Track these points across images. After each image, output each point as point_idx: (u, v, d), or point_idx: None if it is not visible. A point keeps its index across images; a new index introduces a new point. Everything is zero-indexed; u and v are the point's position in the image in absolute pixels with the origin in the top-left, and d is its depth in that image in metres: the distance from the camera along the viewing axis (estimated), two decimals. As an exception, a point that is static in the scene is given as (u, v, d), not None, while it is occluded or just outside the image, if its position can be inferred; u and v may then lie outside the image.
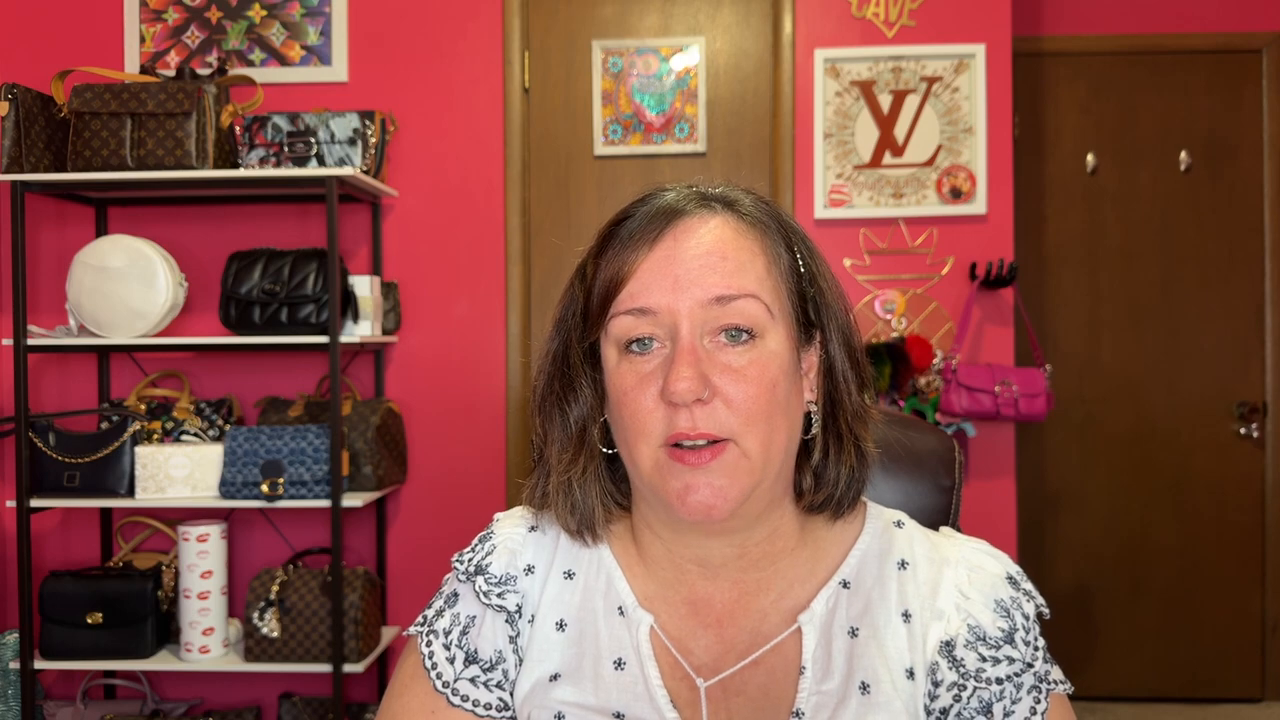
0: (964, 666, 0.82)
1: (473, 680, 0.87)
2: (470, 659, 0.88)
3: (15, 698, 2.84)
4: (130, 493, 2.75)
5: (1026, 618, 0.84)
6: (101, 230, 3.06)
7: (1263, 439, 3.63)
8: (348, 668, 2.66)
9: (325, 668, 2.67)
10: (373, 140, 2.81)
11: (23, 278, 2.69)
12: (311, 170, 2.69)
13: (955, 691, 0.81)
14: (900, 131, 3.04)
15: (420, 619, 0.92)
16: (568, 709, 0.84)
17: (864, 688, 0.81)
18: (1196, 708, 3.62)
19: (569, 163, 3.14)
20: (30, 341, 2.71)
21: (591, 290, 0.86)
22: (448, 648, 0.89)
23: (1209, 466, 3.64)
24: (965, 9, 3.03)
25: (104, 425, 2.84)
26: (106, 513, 3.07)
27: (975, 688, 0.81)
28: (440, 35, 3.09)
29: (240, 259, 2.79)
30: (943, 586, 0.85)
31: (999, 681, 0.81)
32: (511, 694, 0.88)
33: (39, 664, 2.73)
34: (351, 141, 2.78)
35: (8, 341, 2.73)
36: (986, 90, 3.02)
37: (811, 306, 0.85)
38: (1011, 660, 0.82)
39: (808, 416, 0.86)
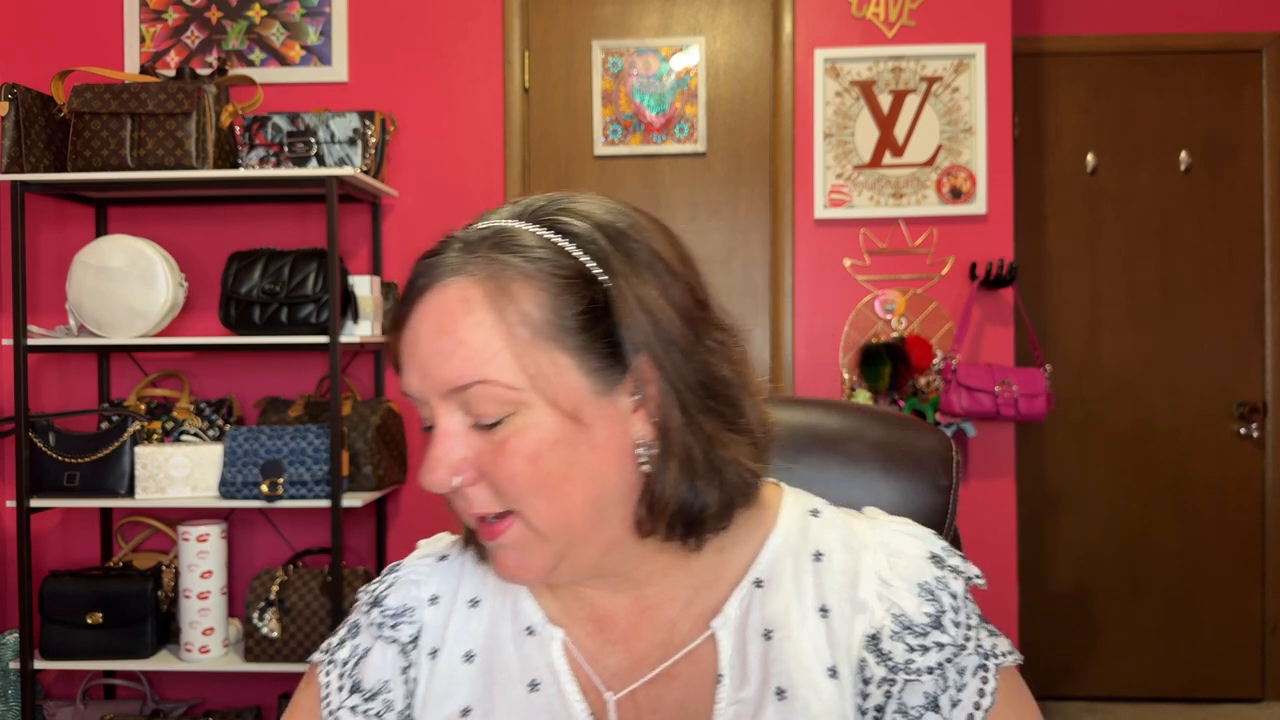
0: (892, 659, 0.76)
1: (353, 709, 0.85)
2: (354, 689, 0.86)
3: (15, 698, 2.84)
4: (130, 493, 2.75)
5: (954, 596, 0.78)
6: (101, 230, 3.06)
7: (1263, 439, 3.63)
8: (348, 668, 2.66)
9: (325, 668, 2.66)
10: (373, 140, 2.81)
11: (23, 278, 2.69)
12: (311, 170, 2.69)
13: (886, 687, 0.76)
14: (900, 131, 3.04)
15: (324, 646, 0.90)
16: None
17: (780, 693, 0.76)
18: (1196, 708, 3.62)
19: (569, 163, 3.14)
20: (30, 341, 2.71)
21: None
22: (341, 677, 0.87)
23: (1209, 466, 3.64)
24: (965, 9, 3.03)
25: (104, 425, 2.83)
26: (106, 513, 3.07)
27: (906, 680, 0.76)
28: (440, 35, 3.09)
29: (240, 259, 2.79)
30: (862, 575, 0.79)
31: (931, 670, 0.76)
32: None
33: (39, 664, 2.73)
34: (351, 141, 2.78)
35: (8, 341, 2.73)
36: (986, 90, 3.02)
37: (620, 328, 0.73)
38: (941, 646, 0.77)
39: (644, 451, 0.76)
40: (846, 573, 0.80)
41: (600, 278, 0.74)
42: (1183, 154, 3.61)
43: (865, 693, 0.77)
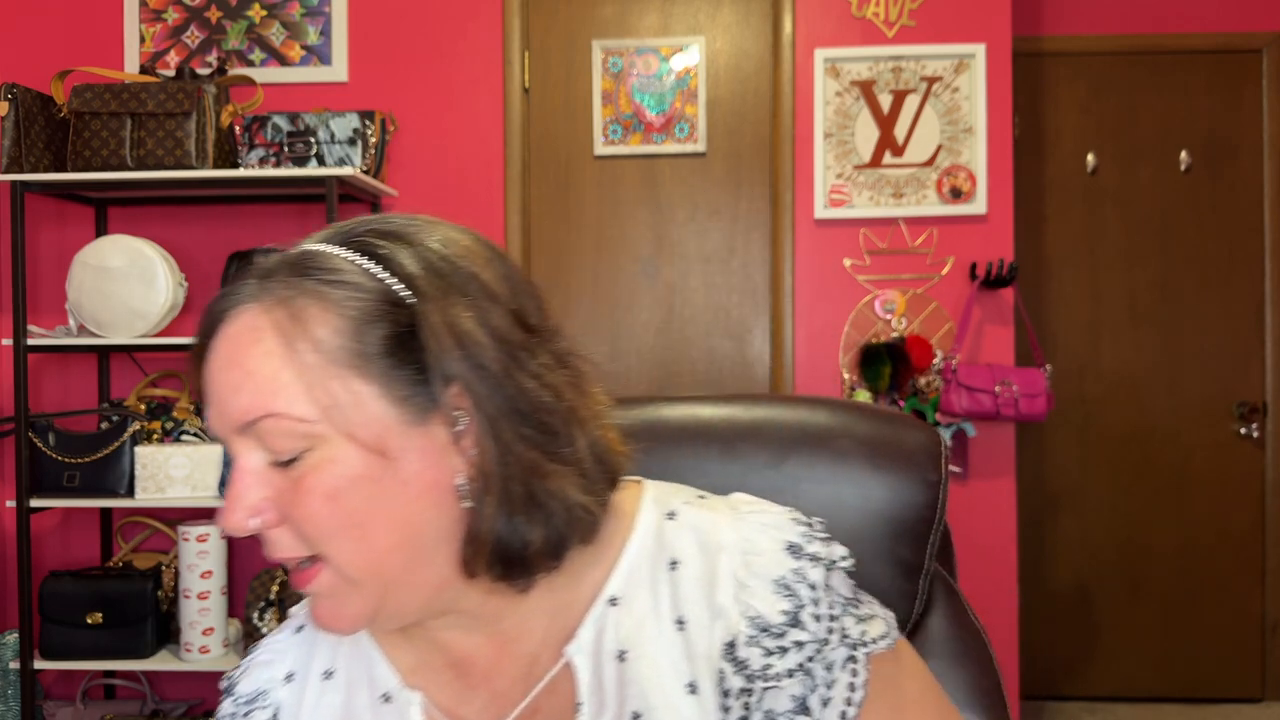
0: (749, 667, 0.71)
1: None
2: None
3: (15, 698, 2.84)
4: (130, 493, 2.75)
5: (814, 587, 0.73)
6: (101, 230, 3.06)
7: (1263, 439, 3.63)
8: (348, 668, 2.66)
9: (325, 668, 2.66)
10: (372, 140, 2.81)
11: (23, 278, 2.69)
12: (311, 170, 2.69)
13: (744, 699, 0.72)
14: (900, 131, 3.04)
15: None
16: None
17: (636, 718, 0.72)
18: (1196, 708, 3.62)
19: (569, 163, 3.14)
20: (30, 341, 2.70)
21: None
22: None
23: (1209, 467, 3.64)
24: (965, 9, 3.03)
25: (104, 425, 2.83)
26: (106, 513, 3.07)
27: (765, 688, 0.72)
28: (440, 35, 3.08)
29: (240, 259, 2.78)
30: (719, 579, 0.74)
31: (791, 673, 0.71)
32: None
33: (39, 664, 2.73)
34: (351, 141, 2.78)
35: (8, 341, 2.72)
36: (986, 90, 3.02)
37: (434, 363, 0.68)
38: (801, 644, 0.71)
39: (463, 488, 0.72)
40: (702, 579, 0.75)
41: (408, 301, 0.69)
42: (1183, 154, 3.61)
43: (726, 705, 0.72)
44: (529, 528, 0.70)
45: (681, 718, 0.72)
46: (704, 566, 0.75)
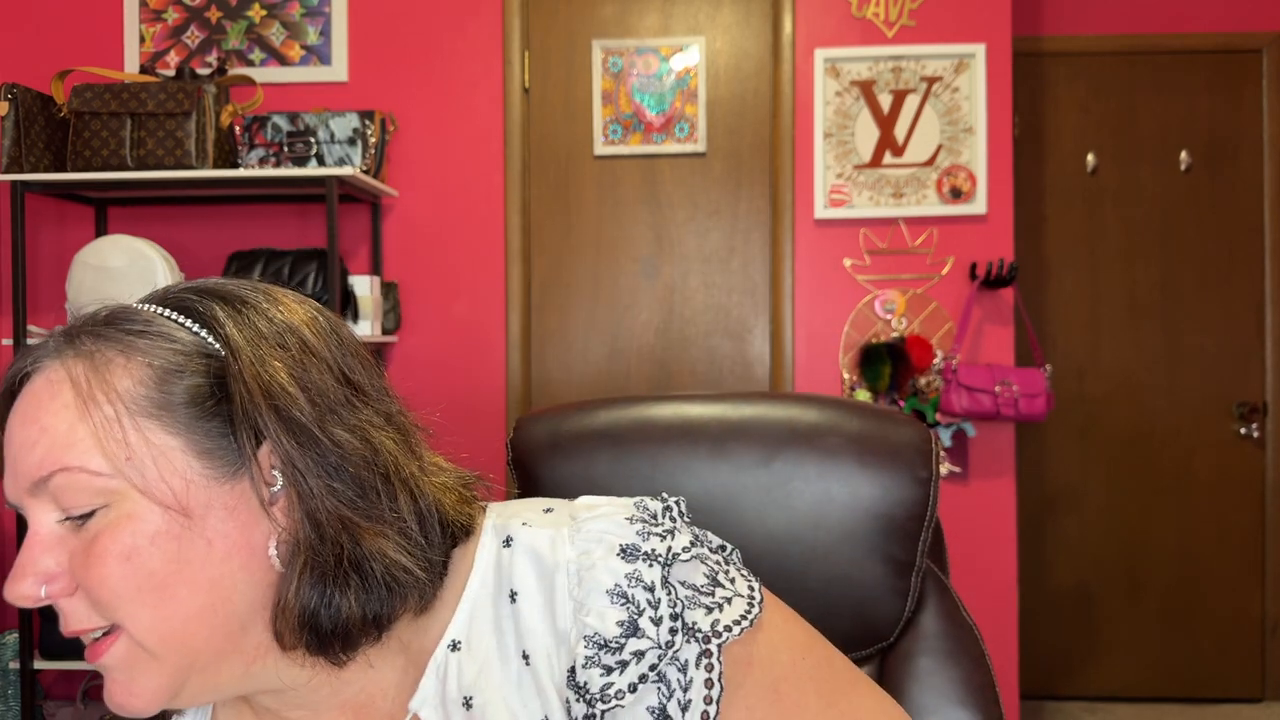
0: (589, 691, 0.67)
1: None
2: None
3: (15, 698, 2.84)
4: (130, 492, 2.75)
5: (651, 588, 0.68)
6: (101, 230, 3.07)
7: (1263, 439, 3.62)
8: (347, 667, 2.66)
9: (325, 667, 2.67)
10: (372, 140, 2.81)
11: (23, 278, 2.70)
12: (311, 170, 2.69)
13: None
14: (900, 131, 3.04)
15: None
16: None
17: None
18: (1196, 708, 3.61)
19: (569, 163, 3.14)
20: (30, 341, 2.71)
21: None
22: None
23: (1209, 466, 3.64)
24: (965, 9, 3.03)
25: (104, 425, 2.83)
26: (107, 512, 3.07)
27: (606, 710, 0.67)
28: (440, 35, 3.09)
29: (240, 259, 2.79)
30: (558, 604, 0.69)
31: (635, 687, 0.66)
32: None
33: (39, 664, 2.74)
34: (351, 141, 2.78)
35: (7, 341, 2.73)
36: (986, 90, 3.02)
37: (242, 417, 0.65)
38: (641, 654, 0.67)
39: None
40: (542, 607, 0.70)
41: (218, 354, 0.66)
42: (1183, 154, 3.61)
43: None
44: (343, 597, 0.66)
45: None
46: (543, 593, 0.70)
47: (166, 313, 0.68)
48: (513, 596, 0.71)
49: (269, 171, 2.69)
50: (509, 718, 0.69)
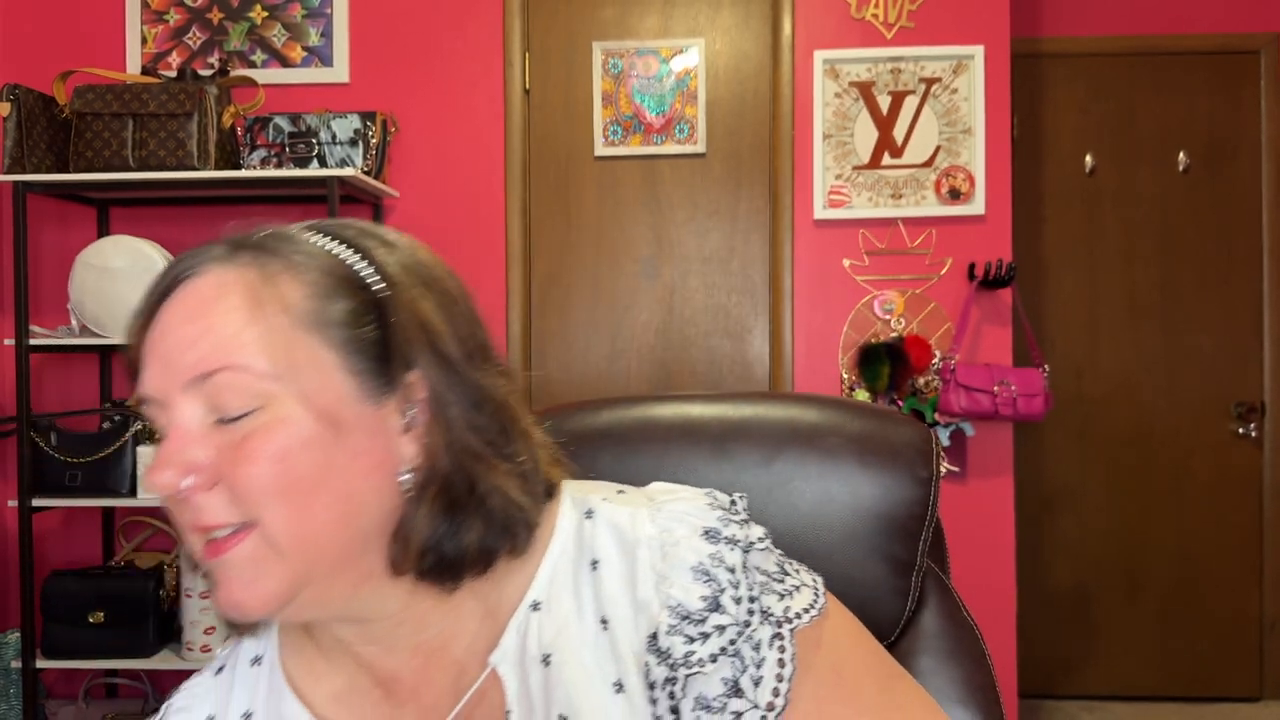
0: (671, 656, 0.71)
1: None
2: None
3: (17, 697, 2.85)
4: (132, 492, 2.76)
5: (732, 570, 0.73)
6: (103, 231, 3.07)
7: (1261, 439, 3.63)
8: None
9: (326, 666, 2.67)
10: (374, 141, 2.82)
11: (24, 278, 2.70)
12: (313, 171, 2.70)
13: (669, 688, 0.71)
14: (899, 132, 3.05)
15: None
16: None
17: None
18: (1195, 707, 3.62)
19: (569, 164, 3.15)
20: (32, 341, 2.72)
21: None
22: None
23: (1207, 466, 3.64)
24: (964, 10, 3.04)
25: (106, 425, 2.84)
26: (108, 512, 3.08)
27: (689, 675, 0.71)
28: (441, 36, 3.10)
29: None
30: (639, 574, 0.73)
31: (715, 658, 0.71)
32: None
33: (41, 663, 2.74)
34: (353, 142, 2.79)
35: (10, 341, 2.74)
36: (985, 91, 3.03)
37: (396, 339, 0.70)
38: (723, 628, 0.71)
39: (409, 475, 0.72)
40: (623, 576, 0.74)
41: (375, 286, 0.70)
42: (1182, 154, 3.62)
43: (653, 698, 0.72)
44: (466, 528, 0.70)
45: (609, 718, 0.71)
46: (624, 563, 0.74)
47: (325, 241, 0.72)
48: (594, 565, 0.75)
49: (270, 172, 2.70)
50: (584, 677, 0.72)
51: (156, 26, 3.13)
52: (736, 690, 0.71)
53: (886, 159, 3.05)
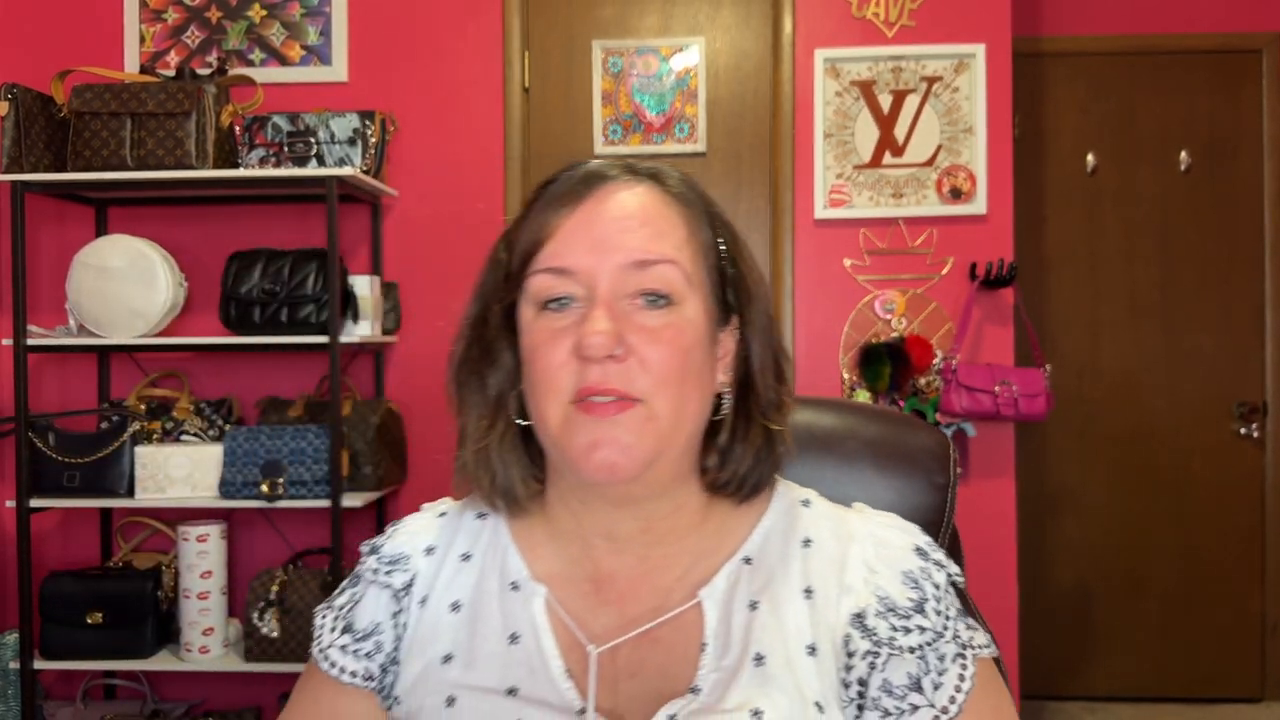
0: (876, 634, 0.80)
1: (343, 648, 0.89)
2: (346, 629, 0.90)
3: (15, 698, 2.84)
4: (130, 493, 2.75)
5: (937, 587, 0.83)
6: (101, 230, 3.06)
7: (1262, 439, 3.63)
8: (348, 668, 2.66)
9: (325, 668, 2.66)
10: (372, 140, 2.81)
11: (23, 278, 2.69)
12: (311, 170, 2.69)
13: (870, 659, 0.80)
14: (900, 131, 3.04)
15: (327, 600, 0.95)
16: (460, 690, 0.83)
17: (758, 659, 0.79)
18: (1196, 708, 3.62)
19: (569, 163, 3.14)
20: (30, 341, 2.71)
21: (513, 252, 0.86)
22: (335, 619, 0.91)
23: (1209, 466, 3.64)
24: (965, 9, 3.03)
25: (104, 425, 2.83)
26: (106, 513, 3.07)
27: (890, 654, 0.80)
28: (440, 35, 3.09)
29: (240, 259, 2.79)
30: (850, 562, 0.84)
31: (913, 650, 0.80)
32: (383, 668, 0.88)
33: (39, 664, 2.73)
34: (351, 141, 2.78)
35: (8, 341, 2.72)
36: (986, 90, 3.02)
37: (731, 289, 0.86)
38: (923, 629, 0.80)
39: (720, 398, 0.86)
40: (834, 559, 0.84)
41: (720, 246, 0.87)
42: (1182, 154, 3.61)
43: (849, 665, 0.80)
44: (754, 448, 0.85)
45: (796, 671, 0.79)
46: (836, 550, 0.85)
47: (691, 195, 0.88)
48: (806, 543, 0.86)
49: (269, 171, 2.69)
50: (782, 630, 0.81)
51: (155, 25, 3.12)
52: (918, 686, 0.79)
53: (887, 158, 3.04)
